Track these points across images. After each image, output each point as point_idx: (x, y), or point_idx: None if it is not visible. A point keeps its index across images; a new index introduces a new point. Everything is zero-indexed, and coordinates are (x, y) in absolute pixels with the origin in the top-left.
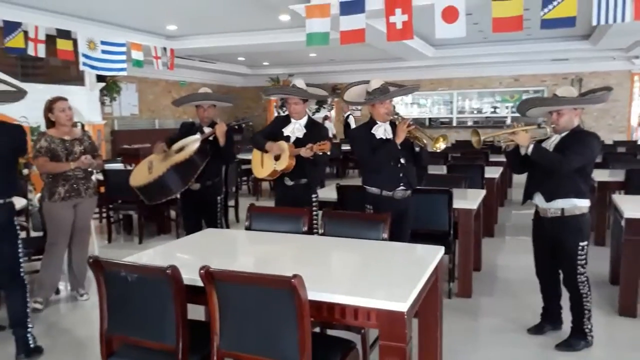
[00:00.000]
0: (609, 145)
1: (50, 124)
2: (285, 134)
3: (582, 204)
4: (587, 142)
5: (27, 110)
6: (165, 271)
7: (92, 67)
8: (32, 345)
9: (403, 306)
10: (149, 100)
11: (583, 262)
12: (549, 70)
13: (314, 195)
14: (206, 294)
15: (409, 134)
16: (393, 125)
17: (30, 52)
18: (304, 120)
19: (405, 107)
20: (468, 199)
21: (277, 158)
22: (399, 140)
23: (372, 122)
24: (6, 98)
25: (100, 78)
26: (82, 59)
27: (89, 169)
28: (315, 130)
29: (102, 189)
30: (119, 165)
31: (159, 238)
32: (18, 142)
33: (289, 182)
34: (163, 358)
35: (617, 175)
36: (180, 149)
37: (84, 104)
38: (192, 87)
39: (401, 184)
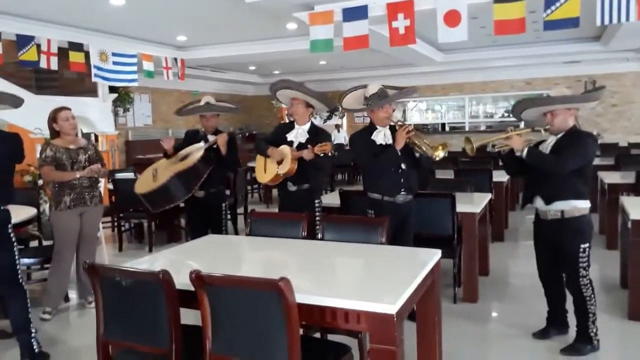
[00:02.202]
0: (623, 147)
1: (54, 133)
2: (288, 139)
3: (581, 205)
4: (582, 142)
5: (42, 122)
6: (158, 275)
7: (104, 79)
8: (37, 351)
9: (392, 308)
10: (162, 110)
11: (585, 264)
12: (561, 73)
13: (316, 201)
14: (197, 298)
15: (408, 140)
16: (393, 130)
17: (43, 64)
18: (307, 125)
19: (420, 113)
20: (472, 203)
21: (279, 163)
22: (398, 147)
23: (372, 127)
24: (6, 101)
25: (112, 89)
26: (94, 71)
27: (95, 177)
28: (318, 135)
29: (113, 198)
30: (130, 175)
31: (169, 246)
32: (15, 150)
33: (292, 187)
34: None
35: (628, 177)
36: (184, 157)
37: (97, 115)
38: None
39: (402, 190)
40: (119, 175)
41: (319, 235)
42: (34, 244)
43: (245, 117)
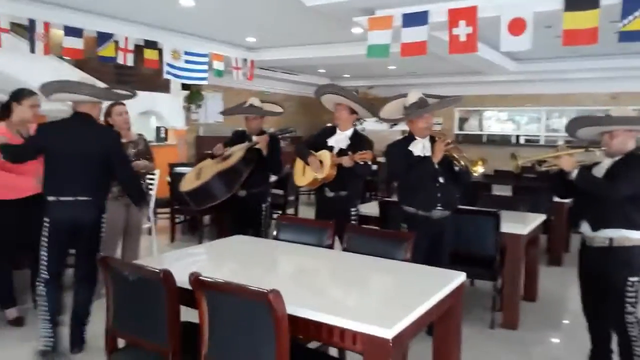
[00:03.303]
0: None
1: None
2: (329, 144)
3: (634, 236)
4: None
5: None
6: (159, 274)
7: (175, 76)
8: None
9: (388, 332)
10: None
11: (633, 300)
12: None
13: (353, 209)
14: (196, 300)
15: (447, 153)
16: (433, 141)
17: (120, 60)
18: (350, 131)
19: (500, 123)
20: (520, 223)
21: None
22: (435, 160)
23: (410, 138)
24: (118, 97)
25: (184, 86)
26: (166, 68)
27: (142, 171)
28: (359, 142)
29: (170, 191)
30: (189, 169)
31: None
32: (109, 144)
33: (329, 194)
34: (160, 359)
35: None
36: (227, 157)
37: (168, 110)
38: (274, 97)
39: (439, 204)
40: (178, 169)
41: (343, 245)
42: None
43: (312, 118)
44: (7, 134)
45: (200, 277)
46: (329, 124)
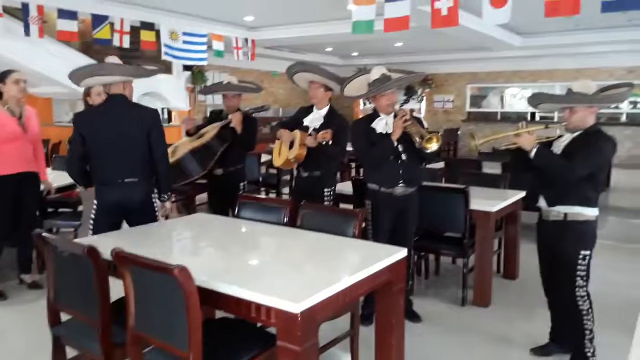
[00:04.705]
0: None
1: (88, 107)
2: (304, 124)
3: (588, 212)
4: (599, 146)
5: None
6: (84, 249)
7: (174, 57)
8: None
9: (296, 307)
10: None
11: (583, 274)
12: None
13: (326, 189)
14: (121, 275)
15: (406, 130)
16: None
17: (116, 42)
18: (325, 110)
19: (519, 101)
20: (492, 200)
21: (292, 147)
22: (394, 137)
23: (374, 115)
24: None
25: (186, 67)
26: (164, 49)
27: None
28: (331, 121)
29: None
30: None
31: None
32: (150, 122)
33: (303, 174)
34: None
35: None
36: (202, 136)
37: (171, 91)
38: (282, 77)
39: (401, 181)
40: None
41: (298, 223)
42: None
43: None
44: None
45: (120, 252)
46: (303, 105)
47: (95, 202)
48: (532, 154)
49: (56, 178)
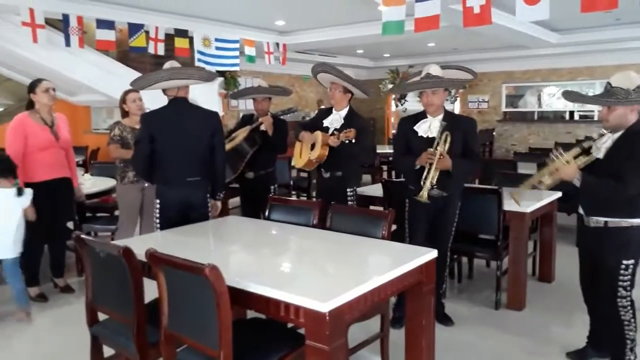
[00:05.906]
0: None
1: (124, 113)
2: (324, 125)
3: (631, 220)
4: None
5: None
6: (120, 250)
7: (207, 63)
8: None
9: (325, 306)
10: None
11: (626, 283)
12: None
13: (349, 189)
14: (155, 275)
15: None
16: (451, 119)
17: (151, 50)
18: (344, 111)
19: (557, 100)
20: (527, 200)
21: (313, 148)
22: (417, 162)
23: (421, 115)
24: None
25: (219, 73)
26: (197, 56)
27: None
28: (352, 122)
29: None
30: None
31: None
32: (215, 125)
33: (325, 174)
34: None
35: None
36: (233, 139)
37: (204, 96)
38: (314, 80)
39: (434, 186)
40: None
41: (327, 224)
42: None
43: (354, 101)
44: (26, 119)
45: (154, 253)
46: (322, 107)
47: (157, 201)
48: (578, 184)
49: (95, 183)
